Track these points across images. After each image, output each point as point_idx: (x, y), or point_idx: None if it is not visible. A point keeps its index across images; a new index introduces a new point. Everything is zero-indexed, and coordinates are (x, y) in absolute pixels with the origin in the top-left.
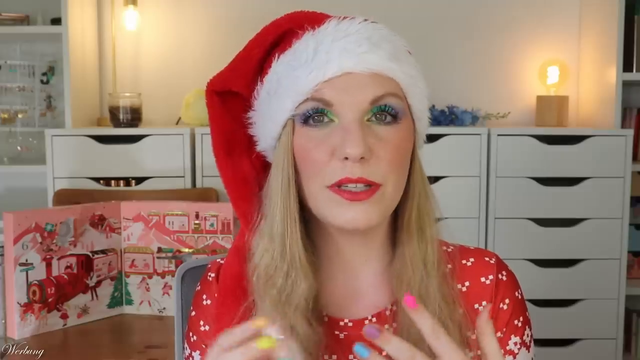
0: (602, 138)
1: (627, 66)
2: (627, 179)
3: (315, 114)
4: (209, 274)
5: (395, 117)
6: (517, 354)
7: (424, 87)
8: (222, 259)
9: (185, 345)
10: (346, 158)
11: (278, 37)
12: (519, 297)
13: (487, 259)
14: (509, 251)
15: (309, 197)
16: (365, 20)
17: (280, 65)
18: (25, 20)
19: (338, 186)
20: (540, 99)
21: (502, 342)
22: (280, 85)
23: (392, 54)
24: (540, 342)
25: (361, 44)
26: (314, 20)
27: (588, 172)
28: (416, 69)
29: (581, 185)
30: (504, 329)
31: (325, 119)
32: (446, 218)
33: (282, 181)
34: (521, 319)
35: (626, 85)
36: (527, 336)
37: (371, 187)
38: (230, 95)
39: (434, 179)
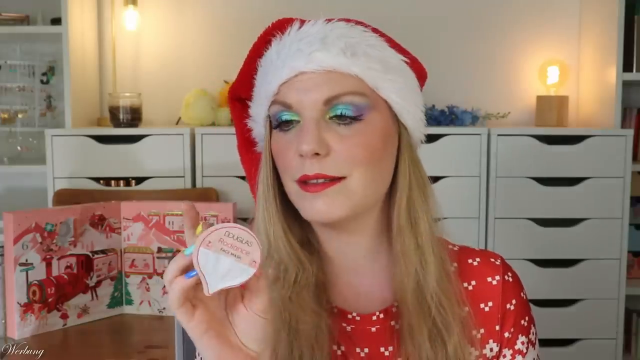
0: (602, 138)
1: (627, 66)
2: (627, 179)
3: (283, 123)
4: None
5: (356, 114)
6: (526, 353)
7: (404, 78)
8: None
9: None
10: (302, 155)
11: (265, 45)
12: (524, 297)
13: (492, 260)
14: (509, 251)
15: (287, 192)
16: (330, 20)
17: (259, 73)
18: (25, 20)
19: (303, 182)
20: (540, 99)
21: (511, 342)
22: (258, 89)
23: (346, 50)
24: (540, 342)
25: (313, 43)
26: (287, 26)
27: (588, 172)
28: (382, 62)
29: (581, 185)
30: (512, 329)
31: (294, 123)
32: (446, 218)
33: (262, 179)
34: (527, 318)
35: (626, 85)
36: (533, 334)
37: (332, 180)
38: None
39: (434, 179)
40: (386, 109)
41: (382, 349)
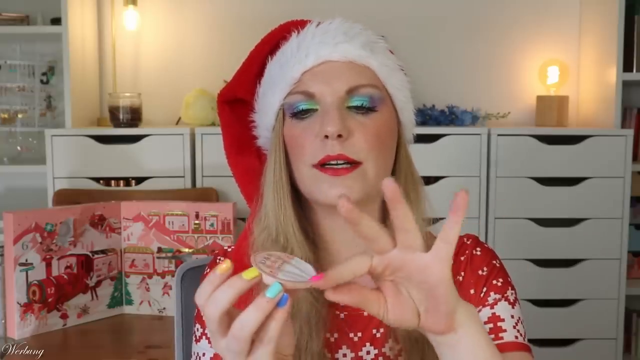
0: (602, 138)
1: (627, 66)
2: (627, 179)
3: (300, 112)
4: (218, 257)
5: (373, 105)
6: (496, 304)
7: (403, 79)
8: (228, 247)
9: (197, 326)
10: (326, 137)
11: (273, 45)
12: (497, 264)
13: (465, 239)
14: (509, 251)
15: (298, 180)
16: (345, 22)
17: (272, 65)
18: (25, 20)
19: (322, 165)
20: (540, 99)
21: (483, 300)
22: (272, 81)
23: (365, 44)
24: (540, 342)
25: (337, 36)
26: (301, 25)
27: (588, 172)
28: (393, 61)
29: (581, 185)
30: (484, 289)
31: (311, 112)
32: (443, 218)
33: (274, 164)
34: (501, 280)
35: (626, 85)
36: (511, 295)
37: (352, 165)
38: (238, 103)
39: (434, 179)
40: (391, 104)
41: (374, 331)
